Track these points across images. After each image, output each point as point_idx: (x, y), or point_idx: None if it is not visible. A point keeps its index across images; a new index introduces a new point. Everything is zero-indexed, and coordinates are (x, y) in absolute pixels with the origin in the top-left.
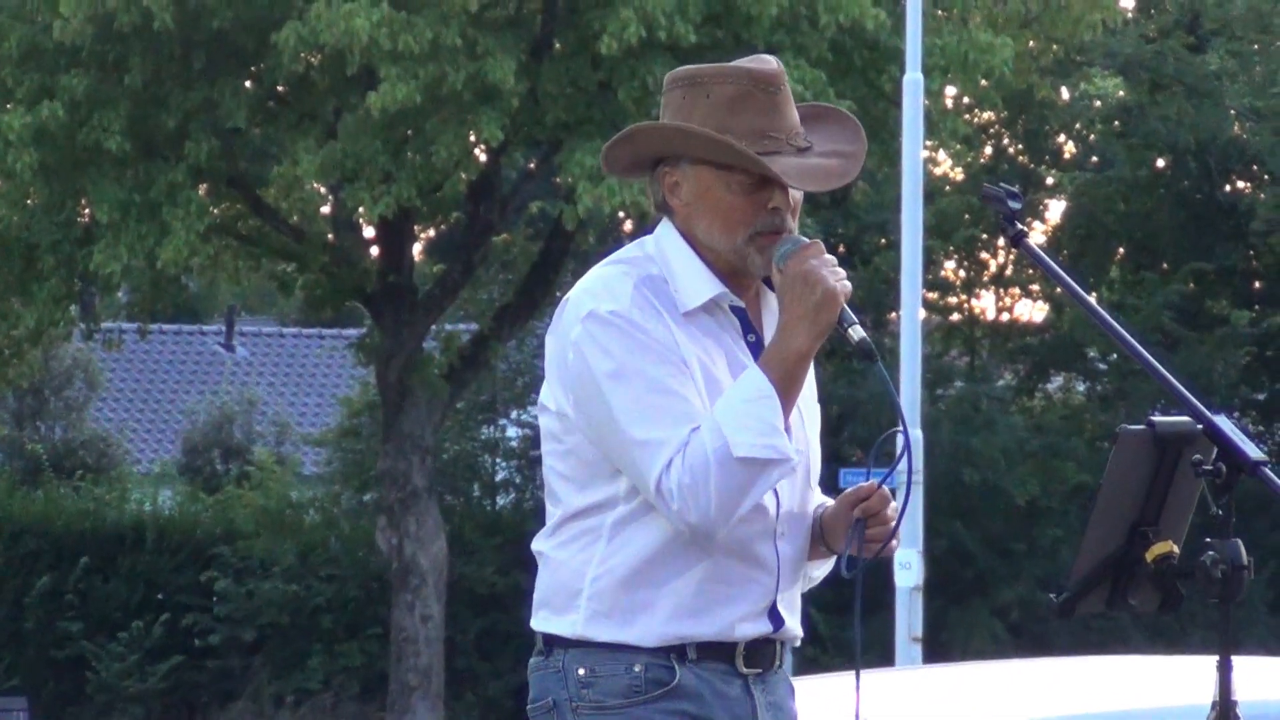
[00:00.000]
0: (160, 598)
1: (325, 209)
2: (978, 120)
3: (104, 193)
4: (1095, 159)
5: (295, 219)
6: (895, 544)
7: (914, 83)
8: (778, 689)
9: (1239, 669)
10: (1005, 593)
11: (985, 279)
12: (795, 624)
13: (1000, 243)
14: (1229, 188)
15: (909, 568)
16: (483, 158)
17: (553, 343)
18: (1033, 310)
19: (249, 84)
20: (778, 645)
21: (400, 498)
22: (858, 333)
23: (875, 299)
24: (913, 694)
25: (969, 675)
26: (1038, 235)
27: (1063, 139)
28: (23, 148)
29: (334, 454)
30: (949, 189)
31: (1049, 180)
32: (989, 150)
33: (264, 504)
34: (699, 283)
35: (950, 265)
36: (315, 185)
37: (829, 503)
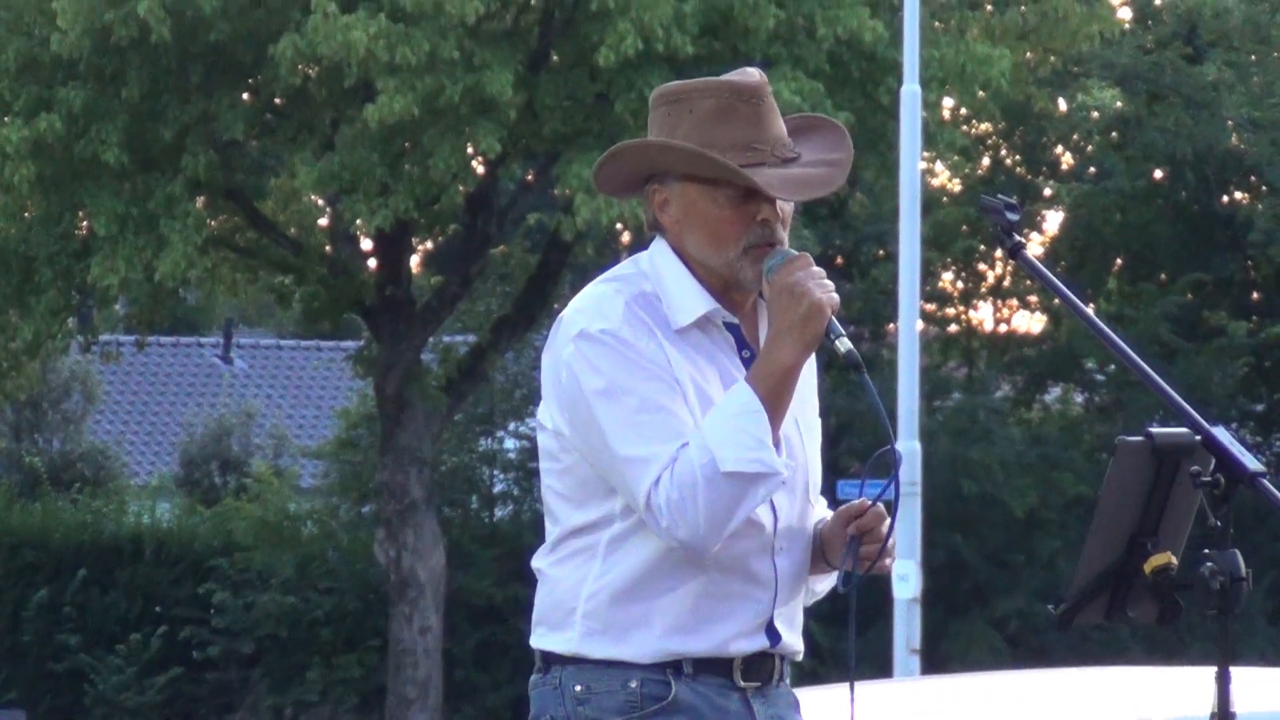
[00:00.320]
0: (158, 610)
1: (323, 221)
2: (975, 131)
3: (102, 205)
4: (1093, 170)
5: (293, 231)
6: (889, 561)
7: (911, 94)
8: (779, 702)
9: (1237, 680)
10: (1004, 604)
11: (983, 290)
12: (794, 639)
13: (998, 254)
14: (1227, 199)
15: (907, 579)
16: (480, 170)
17: (548, 361)
18: (1030, 321)
19: (246, 96)
20: (776, 659)
21: (398, 510)
22: (845, 345)
23: (873, 310)
24: (911, 706)
25: (967, 687)
26: (1035, 246)
27: (1060, 150)
28: (20, 160)
29: (332, 466)
30: (947, 200)
31: (1046, 191)
32: (986, 161)
33: (262, 516)
34: (691, 299)
35: (948, 277)
36: (313, 197)
37: (829, 517)
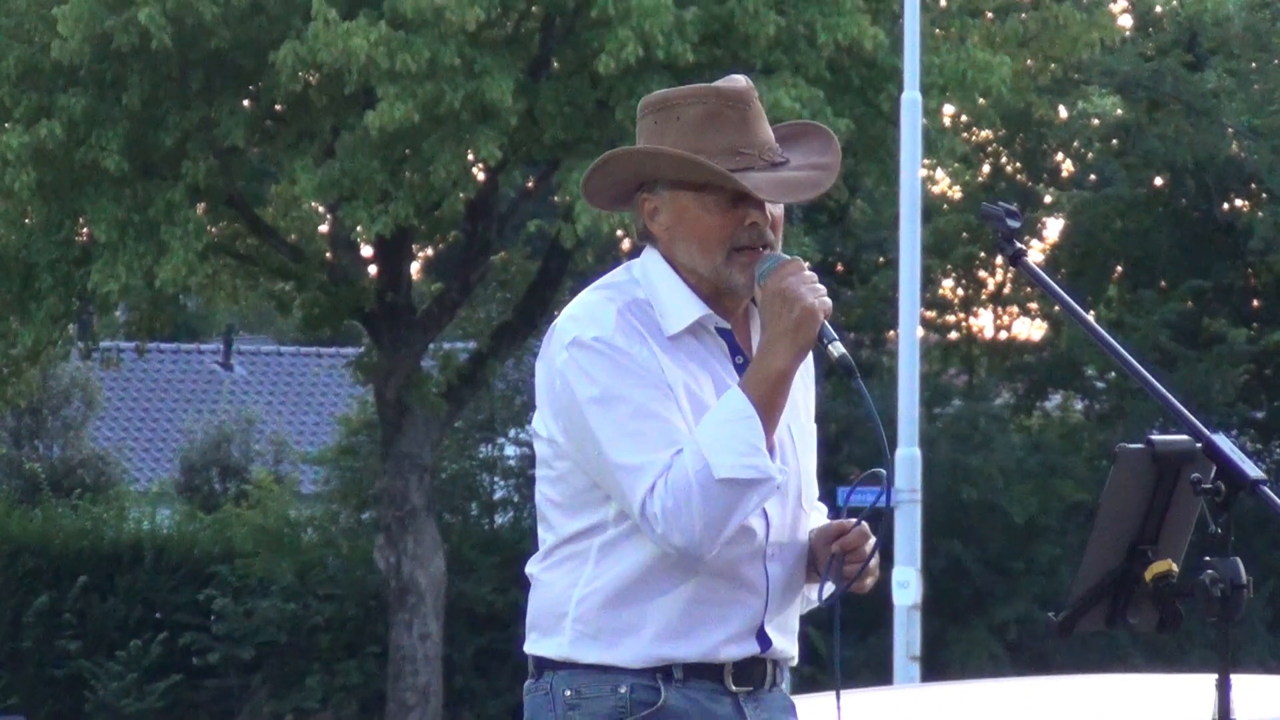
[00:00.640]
0: (158, 616)
1: (323, 228)
2: (976, 139)
3: (102, 212)
4: (1093, 177)
5: (293, 238)
6: (870, 581)
7: (912, 101)
8: (772, 707)
9: (1238, 687)
10: (1004, 611)
11: (983, 297)
12: (787, 644)
13: (998, 261)
14: (1227, 206)
15: (907, 586)
16: (481, 177)
17: (541, 370)
18: (1031, 328)
19: (247, 103)
20: (769, 664)
21: (398, 516)
22: (838, 349)
23: (873, 317)
24: (911, 713)
25: (967, 694)
26: (1036, 253)
27: (1061, 157)
28: (21, 167)
29: (332, 473)
30: (947, 207)
31: (1047, 198)
32: (987, 169)
33: (262, 523)
34: (683, 306)
35: (948, 284)
36: (313, 204)
37: (817, 529)
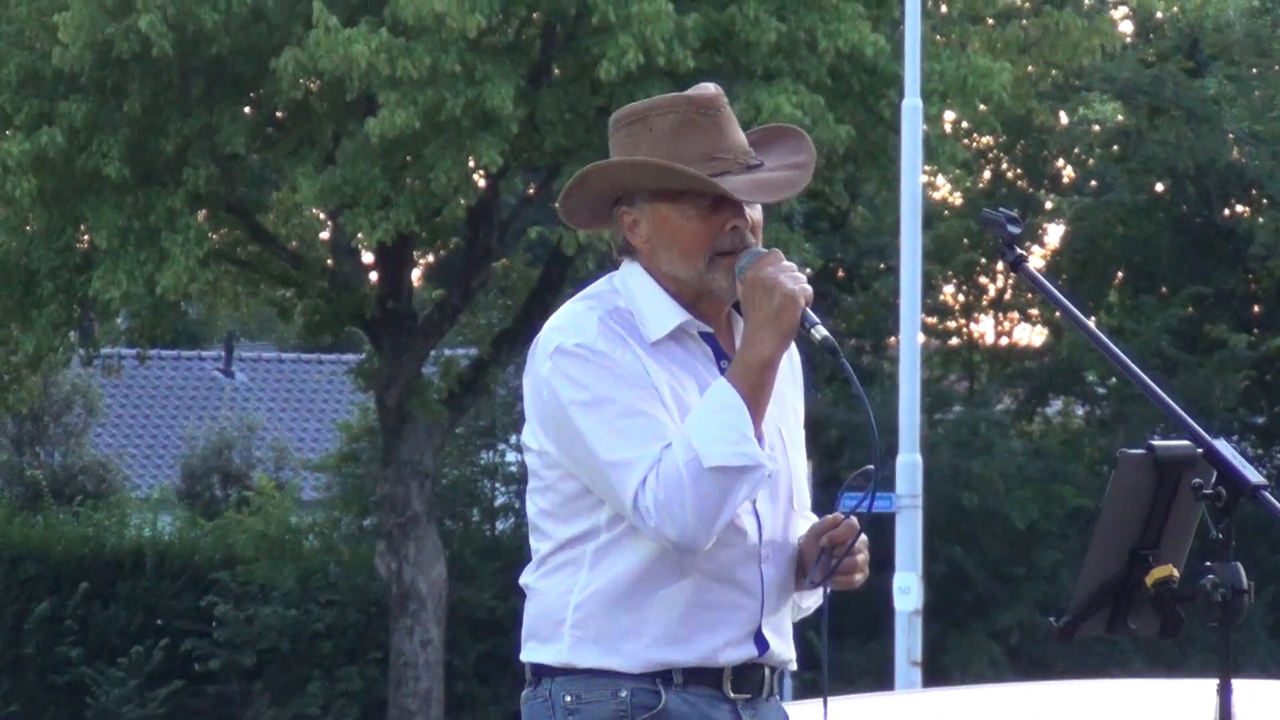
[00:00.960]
0: (160, 623)
1: (324, 235)
2: (976, 145)
3: (103, 219)
4: (1094, 183)
5: (294, 245)
6: (859, 577)
7: (913, 108)
8: (769, 715)
9: (1239, 692)
10: (1005, 616)
11: (984, 303)
12: (784, 648)
13: (999, 267)
14: (1228, 212)
15: (908, 591)
16: (482, 183)
17: (528, 382)
18: (1032, 334)
19: (248, 110)
20: (766, 671)
21: (399, 523)
22: (820, 332)
23: (874, 323)
24: (912, 718)
25: (969, 699)
26: (1036, 259)
27: (1061, 163)
28: (22, 174)
29: (333, 479)
30: (948, 214)
31: (1048, 205)
32: (988, 175)
33: (263, 529)
34: (664, 312)
35: (949, 290)
36: (314, 211)
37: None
